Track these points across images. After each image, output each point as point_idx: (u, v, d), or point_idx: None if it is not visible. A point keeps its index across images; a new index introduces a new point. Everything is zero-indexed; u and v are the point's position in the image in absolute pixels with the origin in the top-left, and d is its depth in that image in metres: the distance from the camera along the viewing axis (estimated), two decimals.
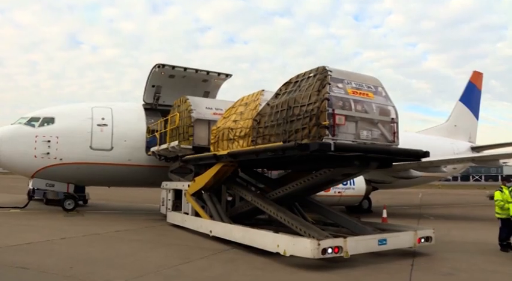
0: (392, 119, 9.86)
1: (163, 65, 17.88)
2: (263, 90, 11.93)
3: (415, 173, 20.42)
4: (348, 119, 9.08)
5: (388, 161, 10.40)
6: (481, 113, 31.59)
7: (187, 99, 14.64)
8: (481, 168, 75.69)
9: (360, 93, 9.49)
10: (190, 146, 13.96)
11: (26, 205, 18.54)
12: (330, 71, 9.25)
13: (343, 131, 8.99)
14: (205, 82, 19.54)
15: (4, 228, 13.05)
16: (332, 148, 8.45)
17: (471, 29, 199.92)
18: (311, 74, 9.70)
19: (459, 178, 71.37)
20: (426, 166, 19.28)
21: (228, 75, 19.48)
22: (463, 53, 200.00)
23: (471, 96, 30.89)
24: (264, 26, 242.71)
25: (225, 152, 11.57)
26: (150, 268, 7.90)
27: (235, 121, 12.05)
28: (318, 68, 9.63)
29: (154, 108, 19.35)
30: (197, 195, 13.04)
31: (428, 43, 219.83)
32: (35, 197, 20.84)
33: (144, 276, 7.28)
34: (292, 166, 12.05)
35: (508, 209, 10.39)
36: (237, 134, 11.67)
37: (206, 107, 14.69)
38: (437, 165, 19.97)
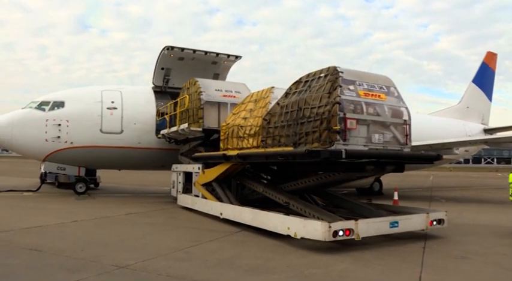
0: (405, 121, 9.62)
1: (172, 48, 17.80)
2: (273, 87, 11.76)
3: None
4: (360, 122, 8.84)
5: (401, 164, 10.20)
6: (494, 95, 31.01)
7: (197, 81, 14.53)
8: (493, 150, 75.15)
9: (372, 95, 9.24)
10: (200, 129, 13.91)
11: (38, 188, 18.84)
12: (341, 72, 8.96)
13: (354, 135, 8.77)
14: (215, 64, 19.46)
15: (17, 211, 13.25)
16: (343, 156, 8.25)
17: (484, 9, 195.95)
18: (322, 74, 9.42)
19: (471, 160, 70.90)
20: (438, 148, 19.05)
21: (237, 57, 19.33)
22: (475, 33, 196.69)
23: (484, 78, 30.24)
24: (272, 7, 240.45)
25: (234, 153, 11.46)
26: (161, 250, 7.92)
27: (244, 118, 11.92)
28: (328, 68, 9.33)
29: (163, 91, 19.35)
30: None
31: (440, 24, 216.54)
32: (47, 181, 21.09)
33: (154, 259, 7.29)
34: (303, 168, 11.85)
35: None
36: (247, 132, 11.54)
37: (216, 89, 14.58)
38: (449, 147, 19.71)
